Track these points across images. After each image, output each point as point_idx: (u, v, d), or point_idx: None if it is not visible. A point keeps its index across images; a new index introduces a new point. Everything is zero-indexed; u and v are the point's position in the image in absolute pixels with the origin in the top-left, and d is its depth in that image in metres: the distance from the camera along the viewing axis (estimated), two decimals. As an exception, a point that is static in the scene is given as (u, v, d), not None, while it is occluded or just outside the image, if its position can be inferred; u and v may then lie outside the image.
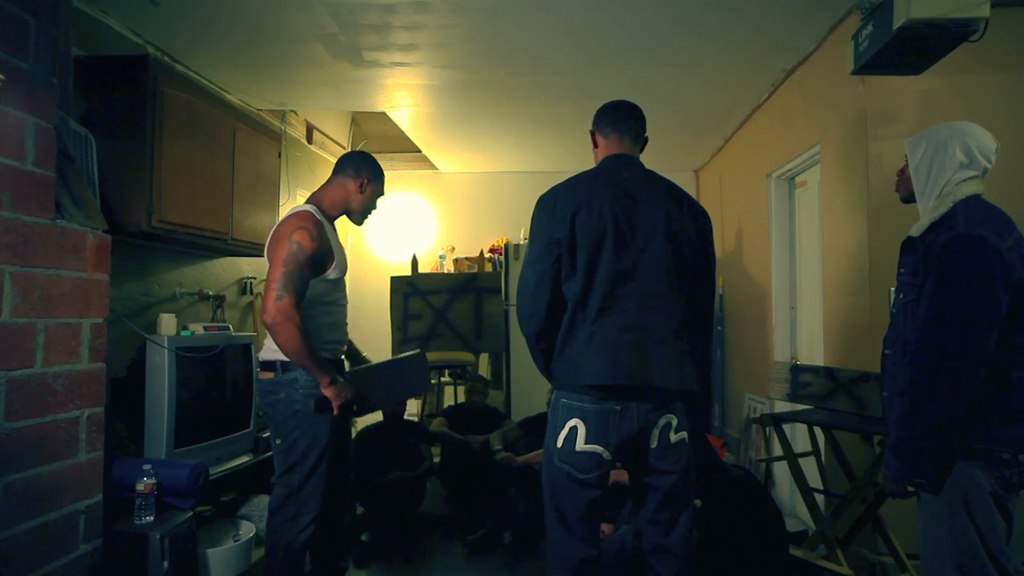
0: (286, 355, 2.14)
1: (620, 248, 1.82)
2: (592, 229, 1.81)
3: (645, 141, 2.06)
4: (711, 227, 1.99)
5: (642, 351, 1.80)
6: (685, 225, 1.89)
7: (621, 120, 2.00)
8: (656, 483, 1.86)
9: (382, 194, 2.46)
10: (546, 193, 1.93)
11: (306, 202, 2.35)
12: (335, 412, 2.16)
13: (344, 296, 2.40)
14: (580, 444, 1.80)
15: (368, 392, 2.29)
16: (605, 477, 1.84)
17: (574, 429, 1.81)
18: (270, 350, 2.22)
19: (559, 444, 1.83)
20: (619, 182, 1.90)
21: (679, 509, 1.88)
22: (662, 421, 1.83)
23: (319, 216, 2.27)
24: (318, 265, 2.22)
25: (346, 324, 2.42)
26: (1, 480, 1.63)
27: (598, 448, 1.80)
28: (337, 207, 2.36)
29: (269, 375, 2.23)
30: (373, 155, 2.47)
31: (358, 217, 2.42)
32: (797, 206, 3.93)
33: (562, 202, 1.86)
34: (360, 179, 2.36)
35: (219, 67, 3.57)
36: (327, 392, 2.14)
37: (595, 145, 2.06)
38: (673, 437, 1.85)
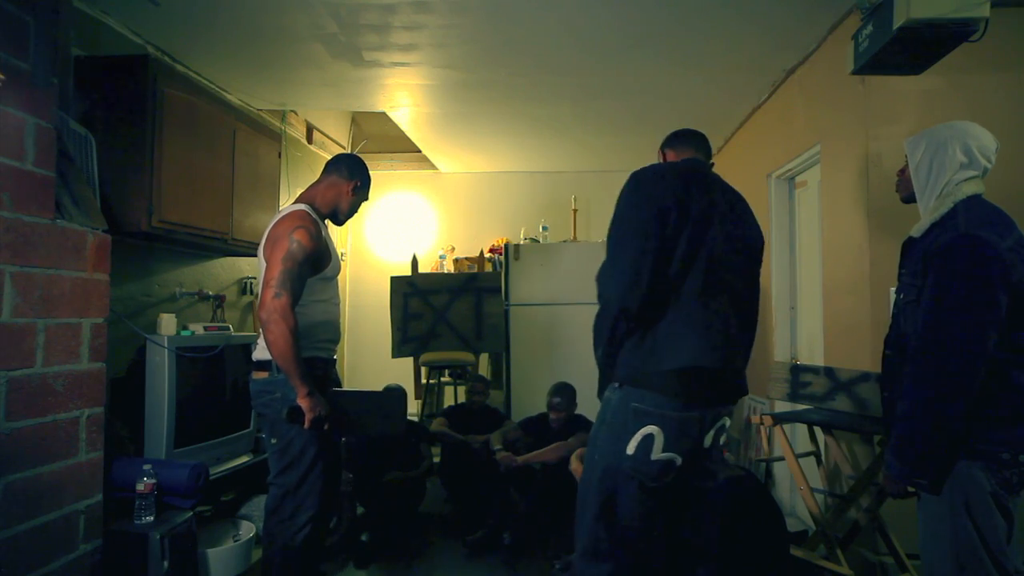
0: (272, 354, 2.10)
1: (721, 237, 1.77)
2: (700, 212, 1.74)
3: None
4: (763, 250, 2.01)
5: (731, 345, 1.76)
6: (755, 241, 1.92)
7: (697, 141, 2.00)
8: (702, 484, 1.85)
9: (367, 199, 2.49)
10: (647, 168, 1.84)
11: (297, 201, 2.33)
12: (306, 425, 2.10)
13: (337, 296, 2.40)
14: (656, 452, 1.68)
15: (343, 414, 2.24)
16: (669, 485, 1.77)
17: (650, 437, 1.68)
18: (264, 349, 2.19)
19: (631, 451, 1.69)
20: (716, 178, 1.89)
21: (712, 509, 1.89)
22: (719, 423, 1.80)
23: (314, 215, 2.27)
24: (316, 264, 2.22)
25: (339, 325, 2.42)
26: (1, 480, 1.63)
27: (674, 455, 1.70)
28: (328, 206, 2.36)
29: (263, 375, 2.22)
30: (370, 156, 2.48)
31: (343, 218, 2.41)
32: (797, 206, 3.93)
33: (671, 178, 1.78)
34: (354, 181, 2.37)
35: (219, 67, 3.57)
36: (302, 403, 2.09)
37: (664, 159, 2.05)
38: (722, 439, 1.85)
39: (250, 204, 3.37)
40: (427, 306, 4.76)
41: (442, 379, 5.24)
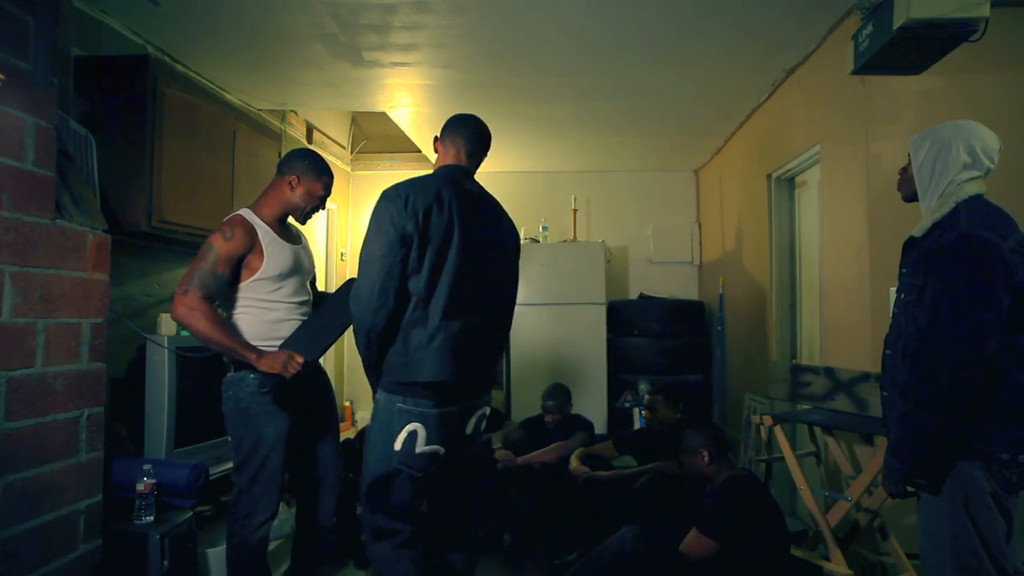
0: (207, 345, 2.17)
1: (464, 251, 1.92)
2: (441, 229, 1.90)
3: (479, 162, 2.19)
4: (520, 246, 2.23)
5: (476, 351, 1.98)
6: (509, 240, 2.13)
7: (467, 136, 2.12)
8: (468, 464, 2.12)
9: (322, 192, 2.36)
10: (392, 189, 1.94)
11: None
12: (287, 377, 2.13)
13: (291, 296, 2.33)
14: (420, 446, 1.90)
15: (302, 349, 2.23)
16: (434, 468, 1.99)
17: (413, 433, 1.89)
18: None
19: (397, 447, 1.90)
20: (464, 191, 2.02)
21: (473, 492, 2.17)
22: (478, 412, 2.08)
23: (250, 219, 2.27)
24: (241, 264, 2.21)
25: (298, 323, 2.35)
26: (1, 480, 1.63)
27: (437, 448, 1.93)
28: (273, 207, 2.32)
29: (228, 374, 2.29)
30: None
31: (300, 216, 2.38)
32: (797, 206, 3.93)
33: (414, 198, 1.90)
34: (289, 177, 2.31)
35: (219, 67, 3.57)
36: (262, 366, 2.13)
37: (435, 151, 2.19)
38: (483, 425, 2.13)
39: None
40: (427, 306, 4.75)
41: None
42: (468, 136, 2.12)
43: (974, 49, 2.20)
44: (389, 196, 1.92)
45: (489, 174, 6.07)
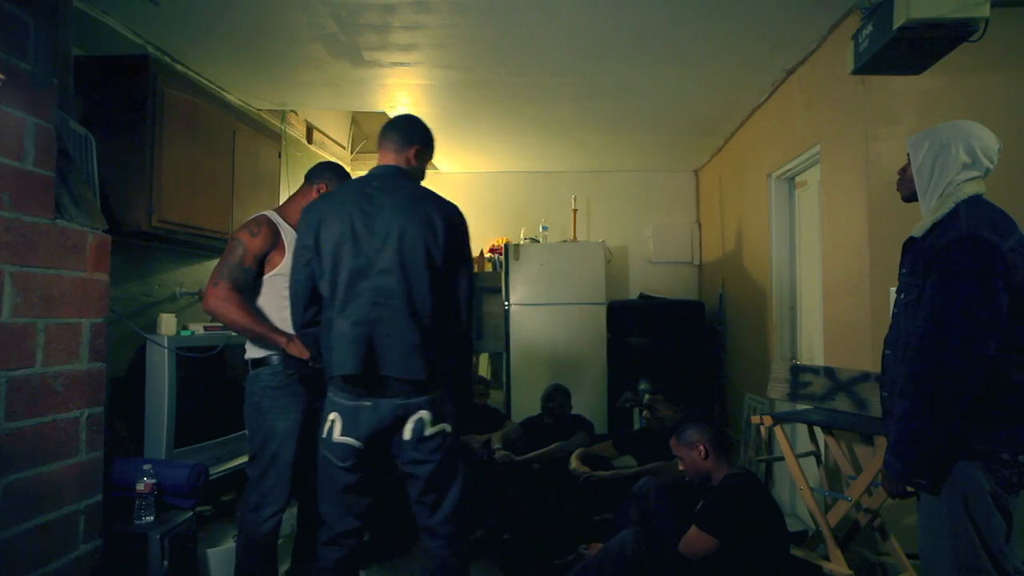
0: (241, 334, 2.30)
1: (356, 249, 1.99)
2: (333, 233, 2.00)
3: (419, 148, 2.18)
4: (462, 227, 2.11)
5: (371, 344, 1.97)
6: (425, 227, 2.00)
7: (383, 136, 2.18)
8: (416, 471, 2.04)
9: None
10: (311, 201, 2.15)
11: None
12: (312, 362, 2.23)
13: None
14: (336, 436, 1.99)
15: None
16: (362, 464, 2.03)
17: (333, 422, 2.00)
18: (248, 350, 2.38)
19: (323, 434, 2.03)
20: (364, 190, 2.06)
21: (442, 493, 2.06)
22: (415, 416, 1.99)
23: (274, 219, 2.40)
24: (265, 261, 2.34)
25: None
26: (1, 480, 1.63)
27: (351, 440, 1.99)
28: (299, 212, 2.39)
29: (248, 373, 2.38)
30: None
31: None
32: (797, 206, 3.93)
33: (312, 210, 2.06)
34: (318, 185, 2.46)
35: (219, 67, 3.57)
36: (292, 351, 2.24)
37: None
38: (428, 430, 2.01)
39: (250, 204, 3.36)
40: (427, 306, 4.76)
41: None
42: (388, 136, 2.17)
43: (974, 49, 2.20)
44: (307, 206, 2.12)
45: (490, 174, 6.09)
